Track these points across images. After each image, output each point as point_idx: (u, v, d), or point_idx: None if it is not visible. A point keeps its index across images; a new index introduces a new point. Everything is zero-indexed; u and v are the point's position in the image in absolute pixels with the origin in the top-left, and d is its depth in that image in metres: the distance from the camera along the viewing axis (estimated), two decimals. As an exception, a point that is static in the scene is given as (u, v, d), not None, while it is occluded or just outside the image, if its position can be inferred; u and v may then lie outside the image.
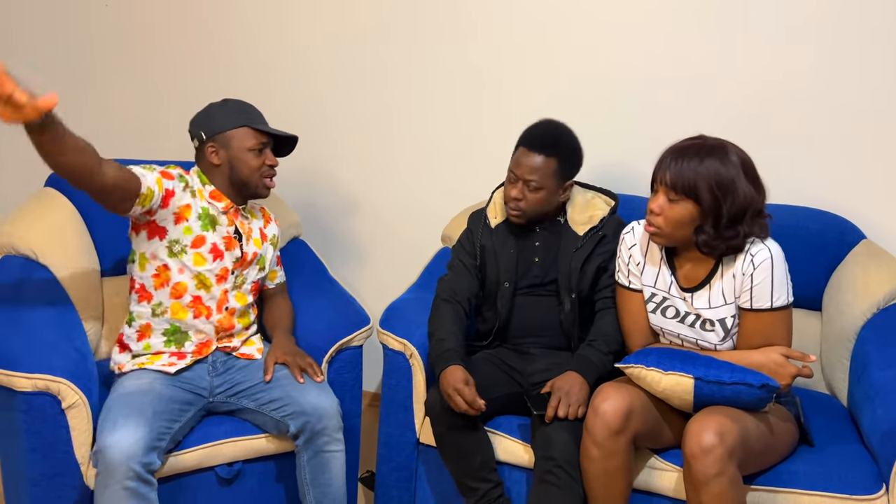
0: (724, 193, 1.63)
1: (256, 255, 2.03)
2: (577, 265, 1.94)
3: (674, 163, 1.66)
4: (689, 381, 1.64)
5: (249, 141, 1.94)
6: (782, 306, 1.70)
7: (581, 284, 1.96)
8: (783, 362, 1.68)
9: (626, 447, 1.67)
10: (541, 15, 2.37)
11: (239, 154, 1.94)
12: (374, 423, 2.28)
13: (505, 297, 2.01)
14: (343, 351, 2.03)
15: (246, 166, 1.94)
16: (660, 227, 1.70)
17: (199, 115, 1.99)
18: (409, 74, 2.54)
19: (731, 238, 1.67)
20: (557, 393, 1.77)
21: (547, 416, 1.76)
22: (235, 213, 2.00)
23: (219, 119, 1.95)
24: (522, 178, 1.89)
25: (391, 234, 2.71)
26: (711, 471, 1.54)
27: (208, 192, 1.96)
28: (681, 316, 1.79)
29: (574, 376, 1.81)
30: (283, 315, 2.10)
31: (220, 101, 2.00)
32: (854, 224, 2.13)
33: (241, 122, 1.94)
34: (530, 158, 1.88)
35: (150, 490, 1.69)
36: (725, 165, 1.64)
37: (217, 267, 1.95)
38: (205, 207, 1.94)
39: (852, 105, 2.15)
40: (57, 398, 1.70)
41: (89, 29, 2.83)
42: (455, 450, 1.88)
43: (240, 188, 1.98)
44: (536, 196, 1.91)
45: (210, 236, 1.94)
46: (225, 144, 1.94)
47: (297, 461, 1.88)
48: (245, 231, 2.01)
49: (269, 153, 1.98)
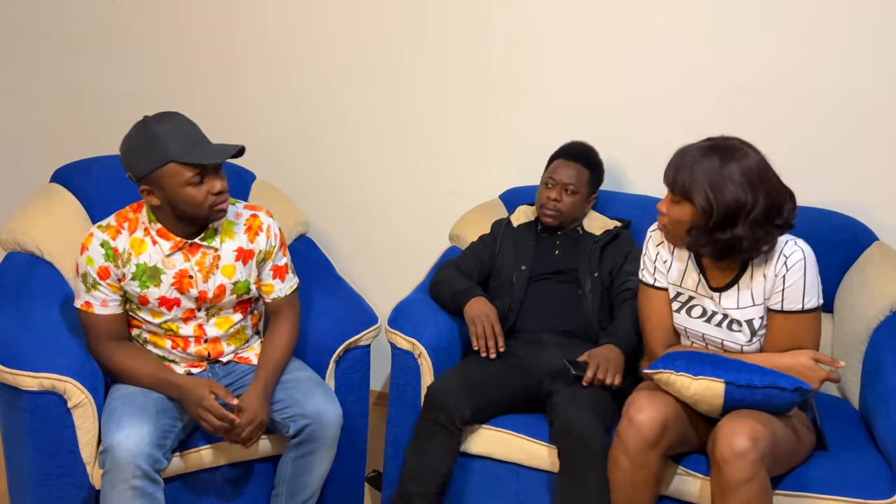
0: (718, 199, 1.60)
1: (224, 287, 1.82)
2: (597, 250, 2.11)
3: (675, 164, 1.66)
4: (720, 385, 1.60)
5: (183, 175, 1.66)
6: (812, 308, 1.67)
7: (601, 267, 2.08)
8: (812, 366, 1.65)
9: (657, 459, 1.63)
10: (547, 20, 2.36)
11: (175, 192, 1.67)
12: (380, 422, 2.26)
13: (521, 281, 2.10)
14: (351, 350, 2.01)
15: (187, 203, 1.69)
16: (664, 226, 1.71)
17: (123, 146, 1.70)
18: (419, 76, 2.52)
19: (716, 242, 1.63)
20: (595, 359, 1.84)
21: (586, 379, 1.81)
22: (191, 248, 1.79)
23: (142, 156, 1.66)
24: (561, 183, 2.11)
25: (399, 233, 2.69)
26: (743, 476, 1.51)
27: (155, 230, 1.77)
28: (707, 315, 1.76)
29: (611, 347, 1.90)
30: (273, 351, 1.87)
31: (141, 125, 1.68)
32: (866, 225, 2.11)
33: (163, 158, 1.64)
34: (569, 166, 2.13)
35: (157, 489, 1.68)
36: (727, 169, 1.60)
37: (178, 312, 1.82)
38: (140, 264, 1.76)
39: (865, 106, 2.14)
40: (63, 397, 1.69)
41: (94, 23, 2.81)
42: (420, 445, 1.86)
43: (190, 221, 1.76)
44: (572, 199, 2.12)
45: (153, 292, 1.77)
46: (157, 185, 1.68)
47: (283, 457, 1.86)
48: (204, 266, 1.80)
49: (210, 180, 1.69)
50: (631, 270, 2.04)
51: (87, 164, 2.27)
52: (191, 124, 1.72)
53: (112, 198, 2.15)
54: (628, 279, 2.04)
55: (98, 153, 2.34)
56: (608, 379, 1.81)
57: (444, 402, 1.84)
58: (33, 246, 2.01)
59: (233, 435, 1.74)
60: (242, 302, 1.91)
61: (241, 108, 2.73)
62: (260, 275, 1.91)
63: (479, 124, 2.52)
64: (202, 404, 1.70)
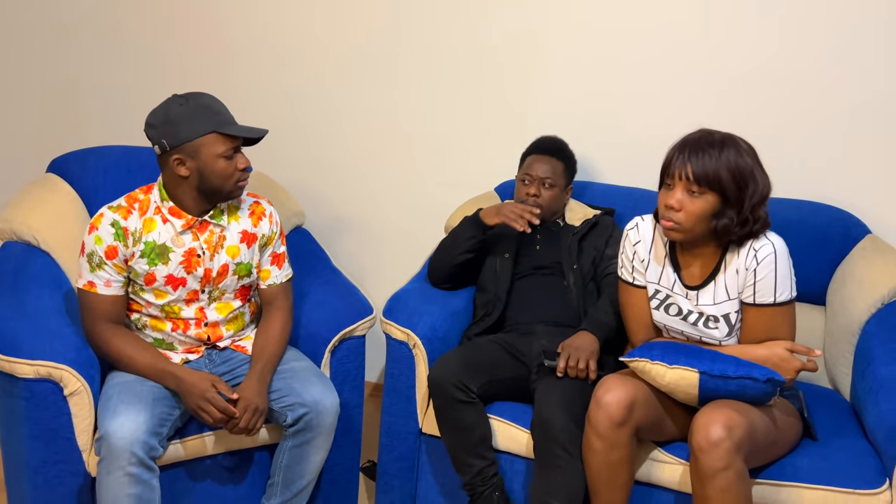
0: (746, 182, 1.64)
1: (227, 266, 1.87)
2: (575, 243, 2.14)
3: (693, 156, 1.64)
4: (695, 375, 1.64)
5: (220, 147, 1.74)
6: (785, 301, 1.69)
7: (581, 260, 2.11)
8: (787, 357, 1.68)
9: (628, 439, 1.67)
10: (539, 14, 2.36)
11: (209, 163, 1.75)
12: (374, 413, 2.27)
13: (505, 271, 2.12)
14: (346, 340, 2.02)
15: (217, 175, 1.76)
16: (680, 222, 1.67)
17: (158, 117, 1.75)
18: (414, 68, 2.53)
19: (747, 224, 1.66)
20: (567, 349, 1.85)
21: (558, 369, 1.82)
22: (201, 227, 1.84)
23: (184, 126, 1.73)
24: (538, 178, 2.14)
25: (394, 225, 2.70)
26: (719, 464, 1.54)
27: (167, 208, 1.81)
28: (683, 314, 1.78)
29: (583, 334, 1.91)
30: (267, 342, 1.89)
31: (180, 98, 1.76)
32: (859, 218, 2.12)
33: (209, 127, 1.74)
34: (543, 161, 2.17)
35: (153, 476, 1.69)
36: (742, 155, 1.64)
37: (182, 293, 1.84)
38: (149, 242, 1.79)
39: (858, 99, 2.14)
40: (59, 385, 1.70)
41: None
42: (453, 424, 1.89)
43: (210, 196, 1.81)
44: (551, 193, 2.15)
45: (161, 270, 1.80)
46: (192, 154, 1.74)
47: (280, 445, 1.87)
48: (212, 244, 1.86)
49: (240, 156, 1.79)
50: (612, 254, 2.08)
51: (85, 154, 2.27)
52: (225, 106, 1.82)
53: (110, 188, 2.16)
54: (611, 263, 2.07)
55: (93, 144, 2.35)
56: (581, 364, 1.82)
57: (452, 380, 1.86)
58: (29, 235, 2.01)
59: (232, 424, 1.75)
60: (243, 288, 1.93)
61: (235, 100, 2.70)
62: (260, 260, 1.94)
63: (475, 116, 2.52)
64: (205, 395, 1.72)
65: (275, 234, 1.95)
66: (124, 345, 1.80)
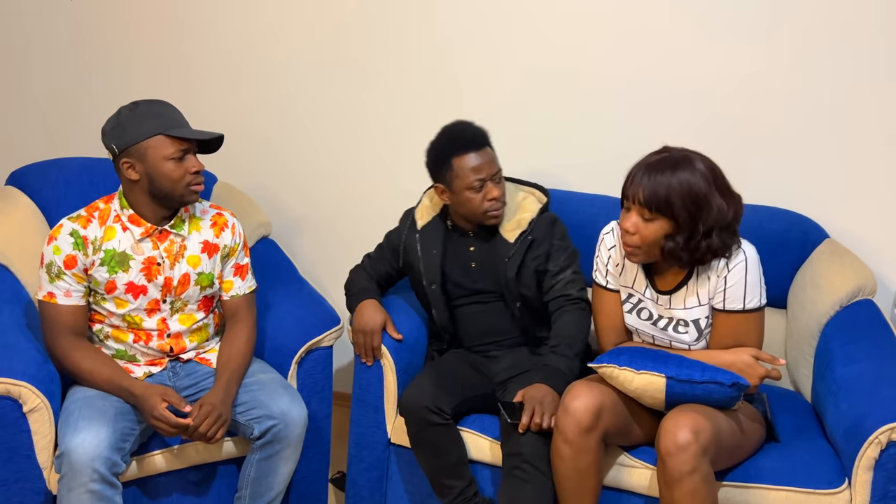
0: (699, 208, 1.62)
1: (188, 276, 1.86)
2: (513, 275, 1.96)
3: (646, 179, 1.63)
4: (661, 380, 1.66)
5: (167, 149, 1.74)
6: (754, 308, 1.72)
7: (523, 290, 1.97)
8: (753, 363, 1.70)
9: (596, 445, 1.68)
10: (512, 14, 2.38)
11: (156, 165, 1.74)
12: (343, 423, 2.26)
13: (438, 302, 2.02)
14: (313, 351, 2.01)
15: (166, 178, 1.75)
16: (637, 245, 1.68)
17: (109, 123, 1.77)
18: (385, 72, 2.52)
19: (695, 250, 1.66)
20: (530, 402, 1.77)
21: (521, 426, 1.76)
22: (161, 236, 1.84)
23: (130, 128, 1.73)
24: (490, 175, 1.92)
25: (361, 233, 2.68)
26: (686, 468, 1.56)
27: (127, 216, 1.81)
28: (654, 319, 1.80)
29: (544, 388, 1.80)
30: (232, 355, 1.87)
31: (130, 104, 1.78)
32: (817, 223, 2.16)
33: (154, 129, 1.73)
34: (484, 154, 1.93)
35: (115, 493, 1.67)
36: (697, 179, 1.62)
37: (143, 302, 1.83)
38: (108, 250, 1.79)
39: (816, 106, 2.19)
40: (18, 402, 1.67)
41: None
42: (431, 448, 1.88)
43: (163, 201, 1.80)
44: (504, 185, 1.97)
45: (122, 277, 1.80)
46: (140, 157, 1.74)
47: (248, 458, 1.85)
48: (172, 253, 1.84)
49: (191, 158, 1.77)
50: (556, 270, 1.95)
51: (45, 166, 2.24)
52: (178, 111, 1.81)
53: (71, 200, 2.13)
54: (556, 282, 1.95)
55: (53, 156, 2.31)
56: (545, 423, 1.73)
57: (426, 403, 1.84)
58: (-12, 249, 1.98)
59: (192, 429, 1.73)
60: (206, 299, 1.92)
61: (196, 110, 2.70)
62: (222, 270, 1.93)
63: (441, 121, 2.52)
64: (153, 413, 1.71)
65: (238, 245, 1.95)
66: (84, 358, 1.77)
